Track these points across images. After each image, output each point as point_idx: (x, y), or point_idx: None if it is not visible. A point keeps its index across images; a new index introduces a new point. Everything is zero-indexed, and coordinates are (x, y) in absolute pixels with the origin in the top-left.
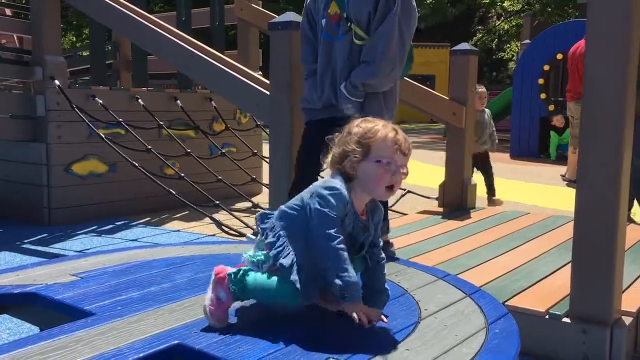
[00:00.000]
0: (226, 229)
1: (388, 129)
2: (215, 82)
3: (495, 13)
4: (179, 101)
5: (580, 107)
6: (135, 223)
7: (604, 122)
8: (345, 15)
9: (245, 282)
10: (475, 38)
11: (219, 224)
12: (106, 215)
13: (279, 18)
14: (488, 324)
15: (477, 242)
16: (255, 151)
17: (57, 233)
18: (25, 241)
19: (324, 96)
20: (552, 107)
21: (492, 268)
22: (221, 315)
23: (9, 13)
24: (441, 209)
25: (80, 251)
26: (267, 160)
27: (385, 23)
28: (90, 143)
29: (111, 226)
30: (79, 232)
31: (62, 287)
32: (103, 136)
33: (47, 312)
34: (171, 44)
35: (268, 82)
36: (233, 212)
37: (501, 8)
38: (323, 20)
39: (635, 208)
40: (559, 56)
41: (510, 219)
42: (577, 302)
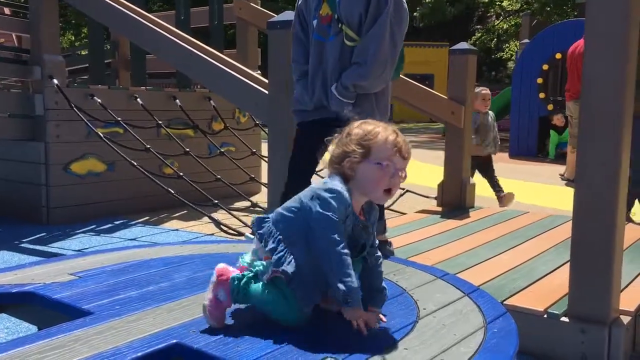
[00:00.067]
0: (225, 228)
1: (389, 131)
2: (214, 82)
3: (494, 12)
4: (177, 100)
5: (579, 106)
6: (133, 222)
7: (603, 122)
8: (336, 16)
9: (248, 291)
10: (474, 37)
11: (218, 223)
12: (105, 215)
13: (278, 17)
14: (486, 323)
15: (476, 241)
16: (254, 150)
17: (55, 232)
18: (24, 240)
19: (315, 97)
20: (551, 107)
21: (490, 267)
22: (219, 315)
23: (7, 12)
24: (440, 209)
25: (79, 250)
26: (266, 159)
27: (376, 25)
28: (89, 142)
29: (110, 225)
30: (77, 232)
31: (60, 286)
32: (102, 135)
33: (45, 311)
34: (170, 43)
35: (267, 81)
36: (232, 212)
37: (500, 7)
38: (314, 21)
39: (635, 208)
40: (558, 56)
41: (508, 218)
42: (575, 301)
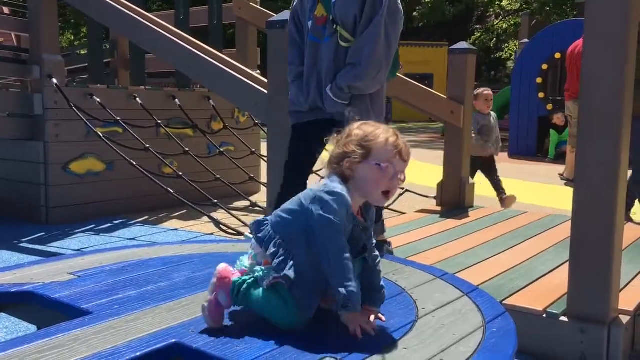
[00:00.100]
0: (224, 228)
1: (389, 133)
2: (214, 81)
3: (493, 12)
4: (177, 100)
5: (578, 106)
6: (133, 222)
7: (602, 122)
8: (331, 17)
9: (248, 296)
10: (474, 37)
11: (217, 223)
12: (104, 214)
13: (277, 16)
14: (485, 323)
15: (475, 241)
16: (254, 150)
17: (54, 232)
18: (23, 240)
19: (310, 99)
20: (550, 106)
21: (489, 267)
22: (218, 317)
23: (6, 11)
24: (439, 208)
25: (78, 250)
26: (266, 159)
27: (371, 26)
28: (88, 142)
29: (109, 225)
30: (76, 231)
31: (59, 285)
32: (101, 135)
33: (44, 310)
34: (170, 43)
35: (266, 80)
36: (231, 211)
37: (499, 7)
38: (309, 23)
39: (635, 207)
40: (558, 55)
41: (508, 218)
42: (574, 301)
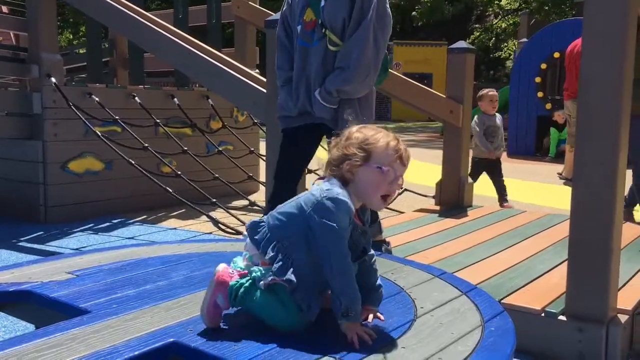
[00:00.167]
0: (223, 227)
1: (390, 137)
2: (213, 80)
3: (492, 11)
4: (175, 99)
5: (577, 105)
6: (131, 221)
7: (600, 121)
8: (320, 21)
9: (246, 299)
10: (473, 36)
11: (216, 222)
12: (103, 213)
13: (276, 16)
14: (484, 322)
15: (474, 240)
16: (252, 149)
17: (53, 231)
18: (22, 239)
19: (299, 103)
20: (549, 106)
21: (488, 266)
22: (216, 318)
23: (5, 10)
24: (438, 207)
25: (77, 249)
26: (264, 158)
27: (359, 29)
28: (87, 141)
29: (108, 224)
30: (75, 230)
31: (57, 284)
32: (99, 134)
33: (42, 310)
34: (168, 42)
35: (265, 80)
36: (230, 210)
37: (498, 7)
38: (298, 27)
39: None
40: (556, 54)
41: (506, 217)
42: (573, 300)
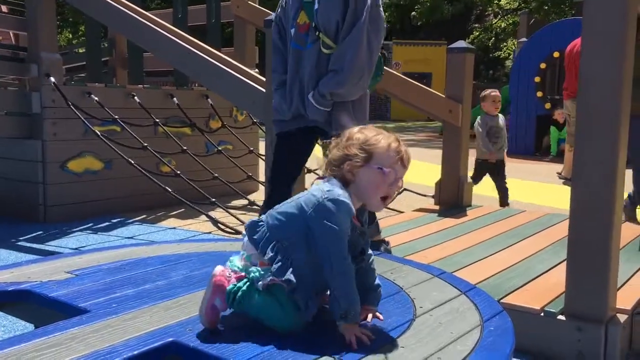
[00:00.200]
0: (222, 227)
1: (391, 138)
2: (212, 80)
3: (492, 11)
4: (175, 98)
5: (576, 105)
6: (131, 220)
7: (600, 121)
8: (314, 24)
9: (244, 302)
10: (472, 36)
11: (215, 222)
12: (102, 213)
13: None
14: (483, 322)
15: (473, 239)
16: (252, 149)
17: (52, 230)
18: (21, 238)
19: (293, 106)
20: (548, 105)
21: (487, 266)
22: (214, 319)
23: (4, 9)
24: (437, 207)
25: (76, 249)
26: (264, 157)
27: (353, 31)
28: (86, 140)
29: (107, 224)
30: (74, 230)
31: (56, 284)
32: (99, 133)
33: (41, 309)
34: (168, 42)
35: (264, 79)
36: (229, 210)
37: (498, 6)
38: (292, 30)
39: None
40: (556, 54)
41: (506, 216)
42: (572, 299)
